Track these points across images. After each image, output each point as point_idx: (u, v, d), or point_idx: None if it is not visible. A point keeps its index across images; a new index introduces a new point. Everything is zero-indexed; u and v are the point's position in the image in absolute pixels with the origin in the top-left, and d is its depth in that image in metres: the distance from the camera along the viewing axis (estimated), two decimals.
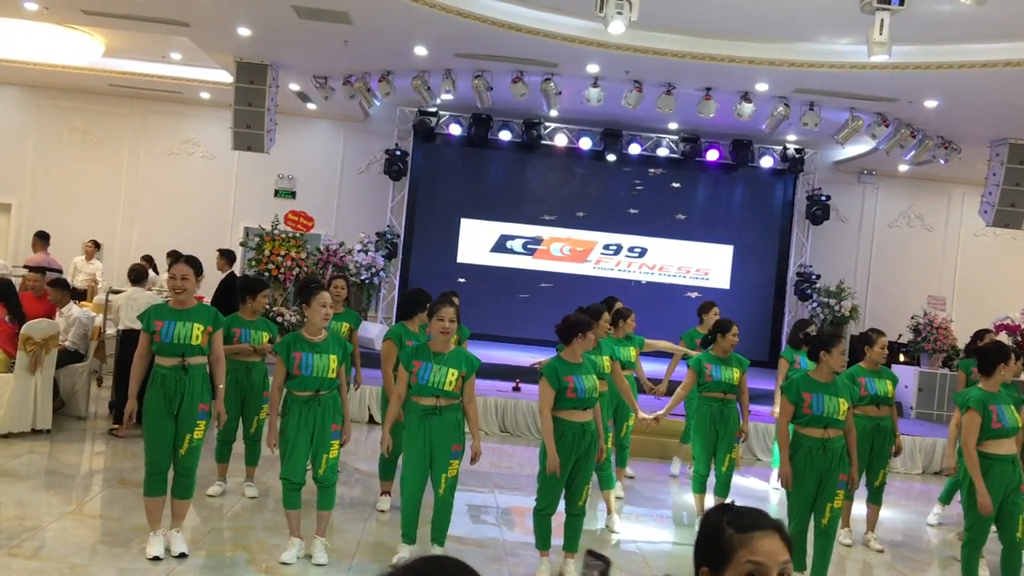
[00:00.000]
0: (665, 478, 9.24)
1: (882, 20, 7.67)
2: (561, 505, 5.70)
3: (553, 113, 14.36)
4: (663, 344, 8.52)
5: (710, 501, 7.25)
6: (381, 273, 14.00)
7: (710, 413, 7.17)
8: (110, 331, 9.99)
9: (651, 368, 9.72)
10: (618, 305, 8.06)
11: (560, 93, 11.57)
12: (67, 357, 8.95)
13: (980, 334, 8.12)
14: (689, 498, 8.12)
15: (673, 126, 14.71)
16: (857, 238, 16.47)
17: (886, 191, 16.51)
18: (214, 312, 5.58)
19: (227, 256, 10.76)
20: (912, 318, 13.26)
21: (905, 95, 10.85)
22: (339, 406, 5.56)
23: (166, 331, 5.29)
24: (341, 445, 5.60)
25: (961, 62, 9.55)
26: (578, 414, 5.61)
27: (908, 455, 10.63)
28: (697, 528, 1.99)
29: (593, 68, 11.01)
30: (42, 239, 12.51)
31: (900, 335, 13.73)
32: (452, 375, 5.52)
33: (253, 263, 11.52)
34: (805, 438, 5.53)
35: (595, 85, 11.33)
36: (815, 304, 15.30)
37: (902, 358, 13.35)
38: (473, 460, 5.69)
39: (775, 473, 9.22)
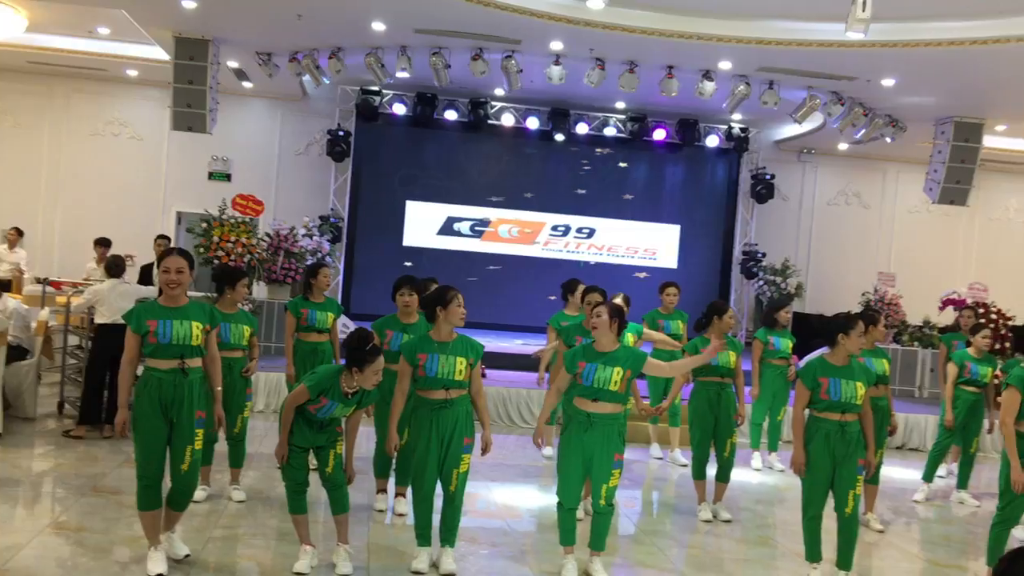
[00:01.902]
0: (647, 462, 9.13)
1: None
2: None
3: (500, 92, 14.06)
4: (659, 336, 8.34)
5: (711, 487, 7.15)
6: (327, 258, 13.48)
7: (708, 398, 7.05)
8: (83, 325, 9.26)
9: None
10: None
11: (521, 71, 11.27)
12: (10, 353, 8.29)
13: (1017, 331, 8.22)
14: (665, 477, 8.03)
15: (620, 105, 14.58)
16: (798, 216, 16.67)
17: (825, 169, 16.75)
18: (210, 308, 5.14)
19: (169, 243, 10.17)
20: (863, 294, 13.46)
21: (865, 73, 10.92)
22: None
23: (162, 331, 4.80)
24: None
25: (926, 40, 9.62)
26: (586, 404, 5.35)
27: None
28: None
29: (557, 45, 10.75)
30: None
31: (849, 311, 13.90)
32: (461, 364, 5.25)
33: (202, 250, 10.92)
34: (823, 422, 5.42)
35: (557, 63, 11.07)
36: (761, 282, 15.44)
37: None
38: (485, 451, 5.42)
39: (756, 455, 9.21)
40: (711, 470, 7.10)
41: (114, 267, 8.20)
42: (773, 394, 9.01)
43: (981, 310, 12.17)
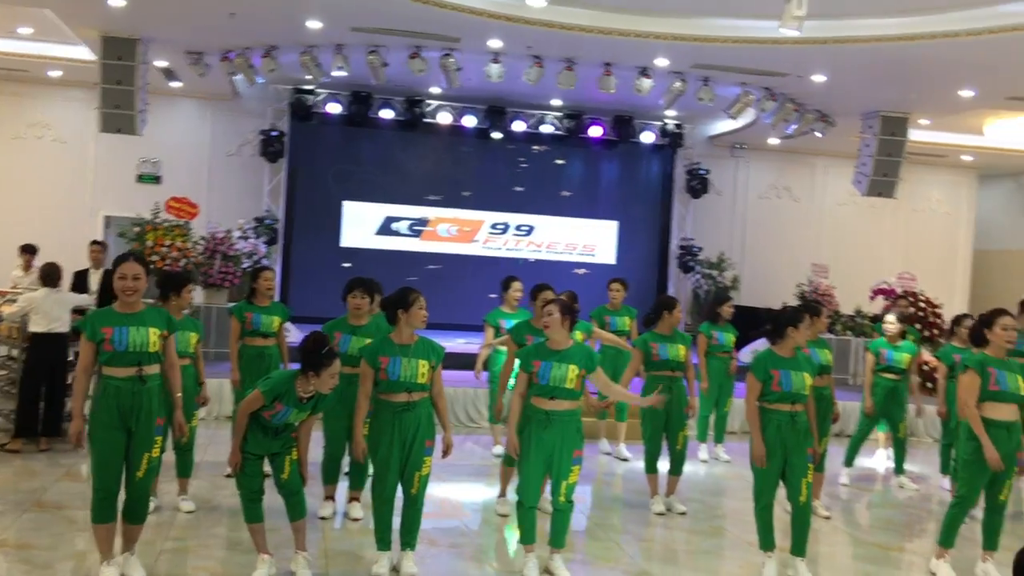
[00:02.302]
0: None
1: None
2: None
3: (436, 90, 13.99)
4: (608, 336, 8.39)
5: (663, 480, 7.22)
6: (264, 260, 13.24)
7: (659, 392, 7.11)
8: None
9: None
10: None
11: (460, 69, 11.23)
12: None
13: (958, 319, 8.42)
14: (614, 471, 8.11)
15: (556, 103, 14.63)
16: (732, 210, 16.94)
17: (756, 164, 17.05)
18: (166, 314, 5.02)
19: (105, 249, 9.88)
20: (797, 286, 13.75)
21: (797, 70, 11.13)
22: None
23: (119, 338, 4.68)
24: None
25: (856, 37, 9.84)
26: (544, 402, 5.37)
27: None
28: None
29: (495, 43, 10.73)
30: None
31: (784, 303, 14.20)
32: (424, 367, 5.22)
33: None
34: (775, 414, 5.53)
35: (496, 61, 11.06)
36: (698, 276, 15.66)
37: None
38: (446, 453, 5.40)
39: (703, 447, 9.33)
40: (663, 464, 7.18)
41: (49, 275, 7.95)
42: (718, 387, 9.15)
43: (911, 299, 12.53)
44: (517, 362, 5.87)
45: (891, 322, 8.44)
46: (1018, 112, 13.22)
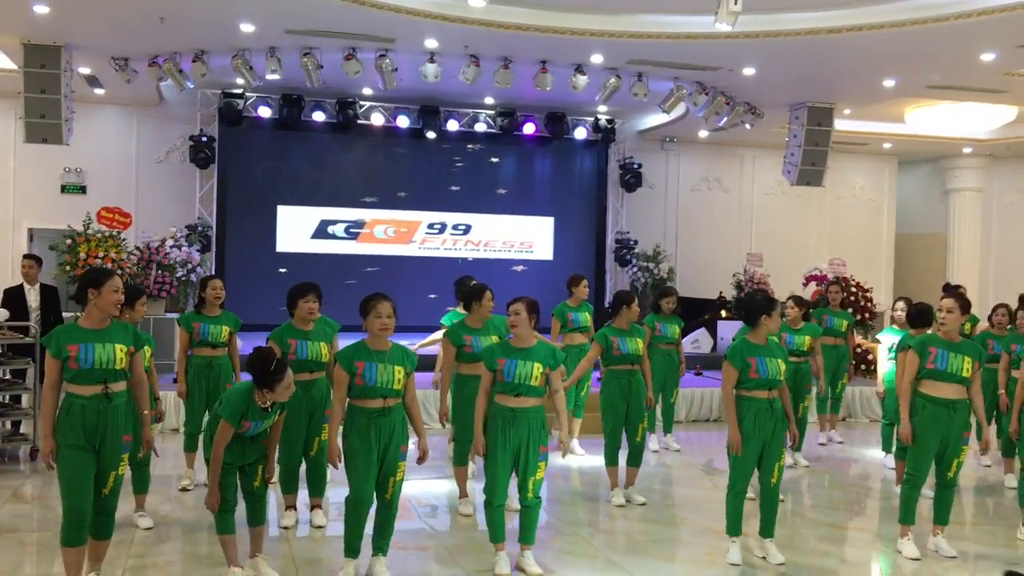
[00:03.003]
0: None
1: None
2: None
3: (368, 91, 13.90)
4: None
5: (623, 473, 7.31)
6: (198, 269, 12.98)
7: (619, 386, 7.20)
8: None
9: None
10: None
11: (396, 70, 11.16)
12: None
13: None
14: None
15: (490, 101, 14.65)
16: (664, 203, 17.19)
17: (687, 157, 17.33)
18: (133, 329, 4.92)
19: (39, 263, 9.56)
20: (734, 275, 14.04)
21: (728, 63, 11.35)
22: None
23: (83, 356, 4.57)
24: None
25: (785, 31, 10.09)
26: (509, 399, 5.42)
27: None
28: None
29: (431, 43, 10.70)
30: None
31: (720, 292, 14.51)
32: (400, 373, 5.17)
33: (68, 268, 10.32)
34: (752, 401, 5.65)
35: (432, 61, 11.03)
36: (635, 269, 15.84)
37: (724, 314, 14.10)
38: (422, 459, 5.38)
39: (652, 437, 9.43)
40: (622, 456, 7.27)
41: None
42: (663, 377, 9.26)
43: (843, 283, 12.88)
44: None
45: (791, 307, 8.73)
46: (937, 100, 13.70)
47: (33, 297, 8.79)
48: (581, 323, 8.83)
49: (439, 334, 7.72)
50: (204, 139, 14.08)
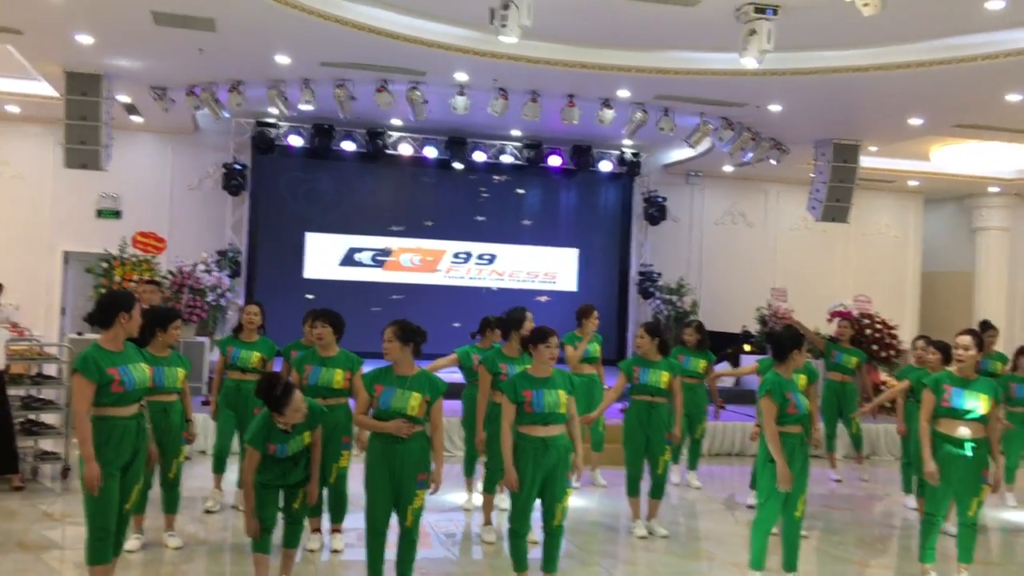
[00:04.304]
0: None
1: (769, 30, 8.09)
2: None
3: (397, 122, 14.13)
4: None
5: (645, 504, 7.34)
6: (227, 294, 13.18)
7: (638, 416, 7.25)
8: None
9: None
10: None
11: (427, 102, 11.36)
12: None
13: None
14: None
15: (516, 133, 14.84)
16: (689, 236, 17.27)
17: (711, 191, 17.41)
18: (138, 348, 5.13)
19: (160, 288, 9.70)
20: (758, 309, 14.06)
21: (754, 100, 11.47)
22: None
23: (127, 378, 4.73)
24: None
25: (812, 68, 10.19)
26: (538, 429, 5.49)
27: None
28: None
29: (462, 76, 10.90)
30: None
31: (744, 326, 14.52)
32: (415, 399, 5.20)
33: (103, 290, 10.54)
34: (788, 436, 5.68)
35: (462, 93, 11.22)
36: (658, 302, 15.90)
37: (747, 348, 14.10)
38: (432, 490, 5.33)
39: (675, 468, 9.44)
40: (644, 487, 7.30)
41: None
42: (686, 413, 9.22)
43: (866, 320, 12.89)
44: None
45: (688, 333, 9.15)
46: (963, 139, 13.74)
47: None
48: (590, 354, 8.87)
49: (446, 360, 7.70)
50: (237, 167, 14.36)
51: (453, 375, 7.66)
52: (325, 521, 6.58)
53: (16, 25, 9.40)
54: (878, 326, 12.96)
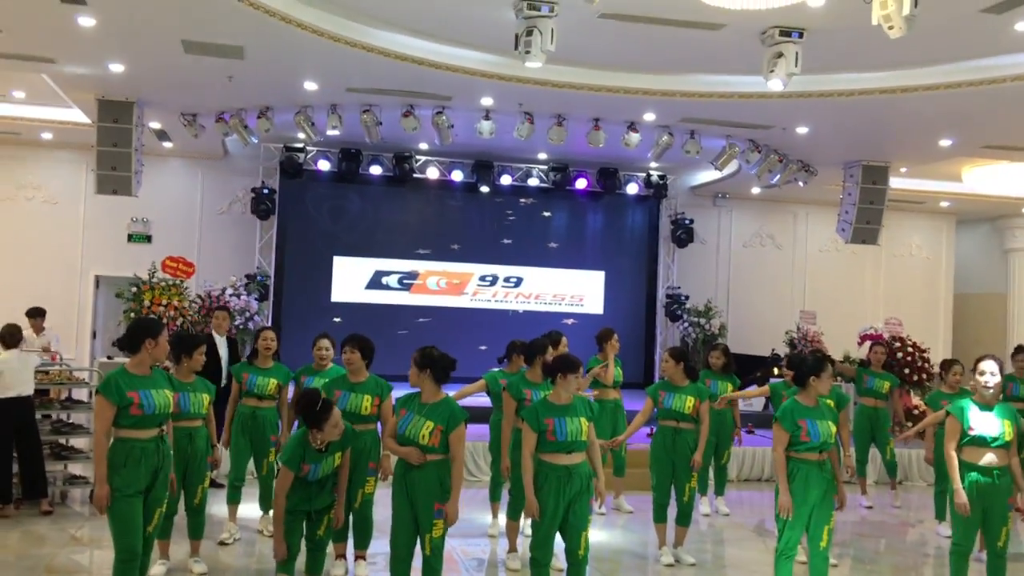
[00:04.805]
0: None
1: (796, 52, 8.06)
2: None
3: (424, 146, 14.22)
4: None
5: (671, 531, 7.25)
6: (256, 317, 13.27)
7: (663, 442, 7.18)
8: None
9: None
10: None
11: (452, 126, 11.42)
12: None
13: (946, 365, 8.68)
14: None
15: (543, 156, 14.87)
16: (716, 259, 17.18)
17: (739, 213, 17.34)
18: (166, 374, 5.21)
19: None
20: (787, 332, 13.93)
21: (781, 122, 11.42)
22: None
23: (147, 402, 4.78)
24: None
25: (839, 91, 10.13)
26: (561, 457, 5.44)
27: None
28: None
29: (487, 101, 10.95)
30: None
31: (773, 349, 14.38)
32: (427, 428, 5.14)
33: (132, 315, 10.65)
34: (802, 463, 5.60)
35: (487, 118, 11.27)
36: (686, 324, 15.81)
37: (776, 372, 13.95)
38: (448, 523, 5.21)
39: (704, 500, 9.29)
40: (671, 513, 7.22)
41: (10, 337, 7.94)
42: (715, 437, 9.11)
43: (898, 344, 12.72)
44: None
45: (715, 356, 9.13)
46: (994, 159, 13.58)
47: (223, 348, 9.01)
48: (615, 377, 8.81)
49: (474, 386, 7.67)
50: (265, 191, 14.49)
51: (482, 400, 7.67)
52: (350, 546, 6.57)
53: (50, 55, 9.58)
54: (909, 349, 12.77)
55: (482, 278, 15.84)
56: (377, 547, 6.56)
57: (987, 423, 5.76)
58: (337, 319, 14.90)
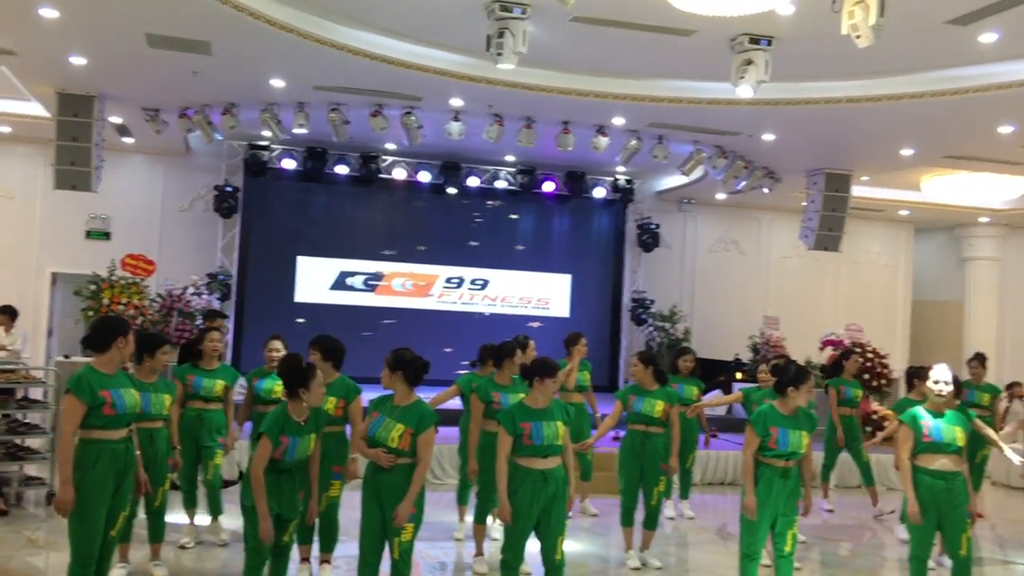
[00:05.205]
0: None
1: (766, 60, 8.13)
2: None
3: (391, 146, 14.13)
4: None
5: (638, 535, 7.26)
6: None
7: (632, 446, 7.18)
8: None
9: None
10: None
11: (421, 127, 11.36)
12: None
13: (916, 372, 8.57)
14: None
15: (510, 158, 14.85)
16: (681, 263, 17.26)
17: (704, 219, 17.44)
18: (129, 375, 5.09)
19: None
20: (750, 337, 14.03)
21: (748, 129, 11.51)
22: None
23: (119, 402, 4.68)
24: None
25: (805, 99, 10.23)
26: (537, 461, 5.41)
27: None
28: None
29: (456, 102, 10.91)
30: None
31: (736, 355, 14.50)
32: (397, 431, 5.09)
33: (91, 313, 10.45)
34: (768, 468, 5.64)
35: (456, 119, 11.23)
36: (651, 328, 15.88)
37: (739, 376, 14.07)
38: (395, 523, 5.10)
39: (668, 503, 9.30)
40: (638, 517, 7.22)
41: None
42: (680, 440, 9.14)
43: (859, 349, 12.86)
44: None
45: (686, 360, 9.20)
46: (953, 169, 13.80)
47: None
48: (579, 382, 8.82)
49: (448, 392, 7.62)
50: (228, 189, 14.31)
51: (451, 402, 7.61)
52: (315, 550, 6.48)
53: (9, 46, 9.37)
54: (869, 355, 12.93)
55: (448, 280, 15.78)
56: (342, 550, 6.48)
57: (939, 430, 5.82)
58: (301, 320, 14.76)
